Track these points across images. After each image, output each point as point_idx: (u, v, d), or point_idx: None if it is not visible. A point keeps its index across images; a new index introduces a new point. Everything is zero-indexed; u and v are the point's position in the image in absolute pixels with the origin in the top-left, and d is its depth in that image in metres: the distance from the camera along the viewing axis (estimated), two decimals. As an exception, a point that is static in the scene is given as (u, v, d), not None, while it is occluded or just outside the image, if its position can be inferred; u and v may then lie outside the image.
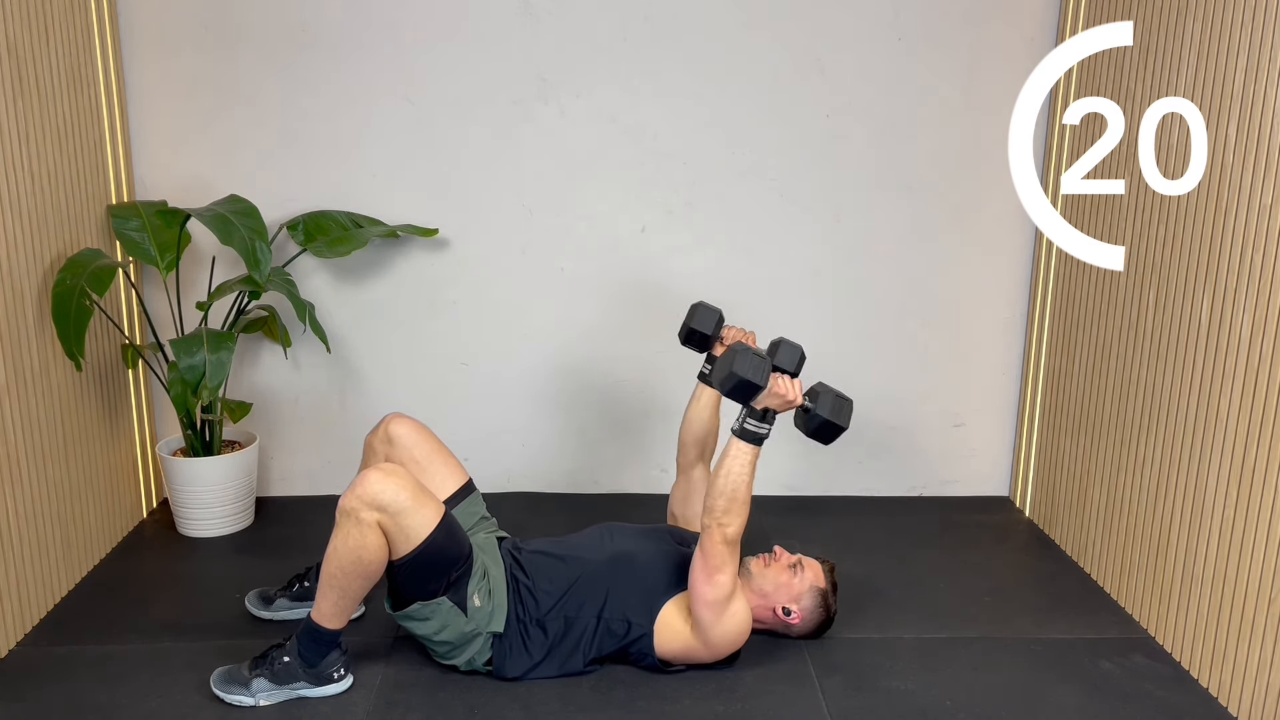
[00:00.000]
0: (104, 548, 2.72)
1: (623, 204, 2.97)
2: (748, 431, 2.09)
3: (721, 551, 2.08)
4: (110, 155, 2.77)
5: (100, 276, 2.46)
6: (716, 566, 2.09)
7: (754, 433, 2.08)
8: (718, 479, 2.08)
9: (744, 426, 2.09)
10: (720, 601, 2.11)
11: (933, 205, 3.00)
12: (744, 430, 2.09)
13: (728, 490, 2.07)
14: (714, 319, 2.42)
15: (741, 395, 2.07)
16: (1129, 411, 2.53)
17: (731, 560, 2.10)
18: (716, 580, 2.09)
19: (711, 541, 2.08)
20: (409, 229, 2.91)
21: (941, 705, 2.13)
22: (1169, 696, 2.18)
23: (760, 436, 2.09)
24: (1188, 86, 2.28)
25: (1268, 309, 2.02)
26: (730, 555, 2.09)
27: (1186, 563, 2.29)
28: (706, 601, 2.11)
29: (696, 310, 2.42)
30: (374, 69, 2.86)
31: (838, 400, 2.13)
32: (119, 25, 2.79)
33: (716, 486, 2.08)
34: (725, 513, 2.07)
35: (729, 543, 2.08)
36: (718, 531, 2.07)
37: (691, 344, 2.44)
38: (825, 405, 2.12)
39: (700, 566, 2.10)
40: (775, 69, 2.90)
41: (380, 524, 1.98)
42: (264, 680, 2.08)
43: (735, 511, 2.07)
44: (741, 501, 2.07)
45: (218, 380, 2.48)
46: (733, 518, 2.07)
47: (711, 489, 2.08)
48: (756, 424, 2.08)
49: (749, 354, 2.06)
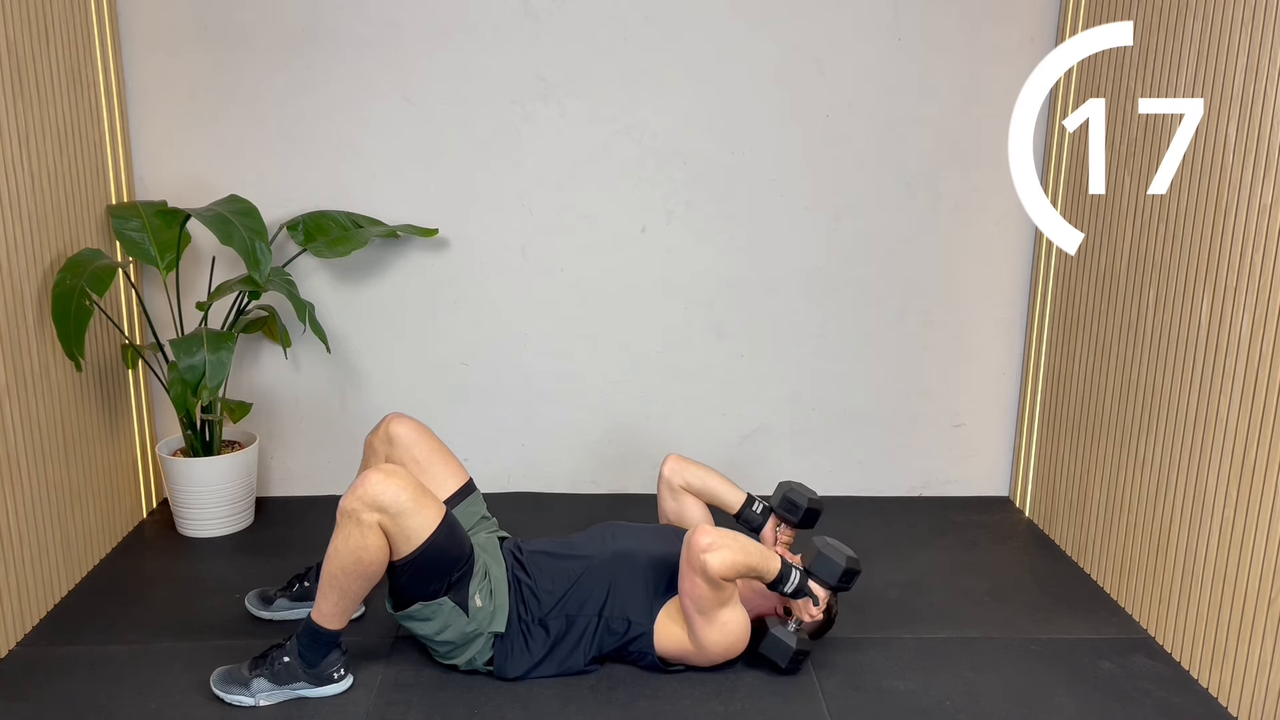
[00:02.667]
0: (104, 548, 2.72)
1: (623, 204, 2.97)
2: (799, 588, 2.16)
3: (707, 576, 2.07)
4: (110, 155, 2.77)
5: (100, 276, 2.46)
6: (697, 574, 2.08)
7: (786, 589, 2.16)
8: (745, 546, 2.09)
9: (799, 587, 2.16)
10: (706, 611, 2.11)
11: (933, 205, 3.00)
12: (799, 589, 2.16)
13: (740, 566, 2.07)
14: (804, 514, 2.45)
15: (838, 582, 2.20)
16: (1129, 411, 2.53)
17: (713, 573, 2.07)
18: (698, 585, 2.08)
19: (695, 568, 2.07)
20: (409, 229, 2.91)
21: (941, 705, 2.14)
22: (1169, 696, 2.18)
23: (785, 587, 2.16)
24: (1188, 86, 2.28)
25: (1268, 309, 2.02)
26: (714, 575, 2.07)
27: (1186, 563, 2.29)
28: (694, 609, 2.11)
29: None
30: (374, 69, 2.86)
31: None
32: (119, 25, 2.79)
33: (741, 546, 2.08)
34: (722, 564, 2.05)
35: (709, 578, 2.07)
36: (704, 557, 2.05)
37: (786, 511, 2.43)
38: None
39: (685, 575, 2.10)
40: (775, 69, 2.90)
41: (381, 525, 1.98)
42: (264, 680, 2.08)
43: (730, 569, 2.07)
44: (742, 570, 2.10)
45: (218, 380, 2.48)
46: (725, 566, 2.06)
47: (733, 546, 2.06)
48: (789, 588, 2.16)
49: (853, 576, 2.22)
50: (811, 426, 3.15)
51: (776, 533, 2.46)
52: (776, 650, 2.19)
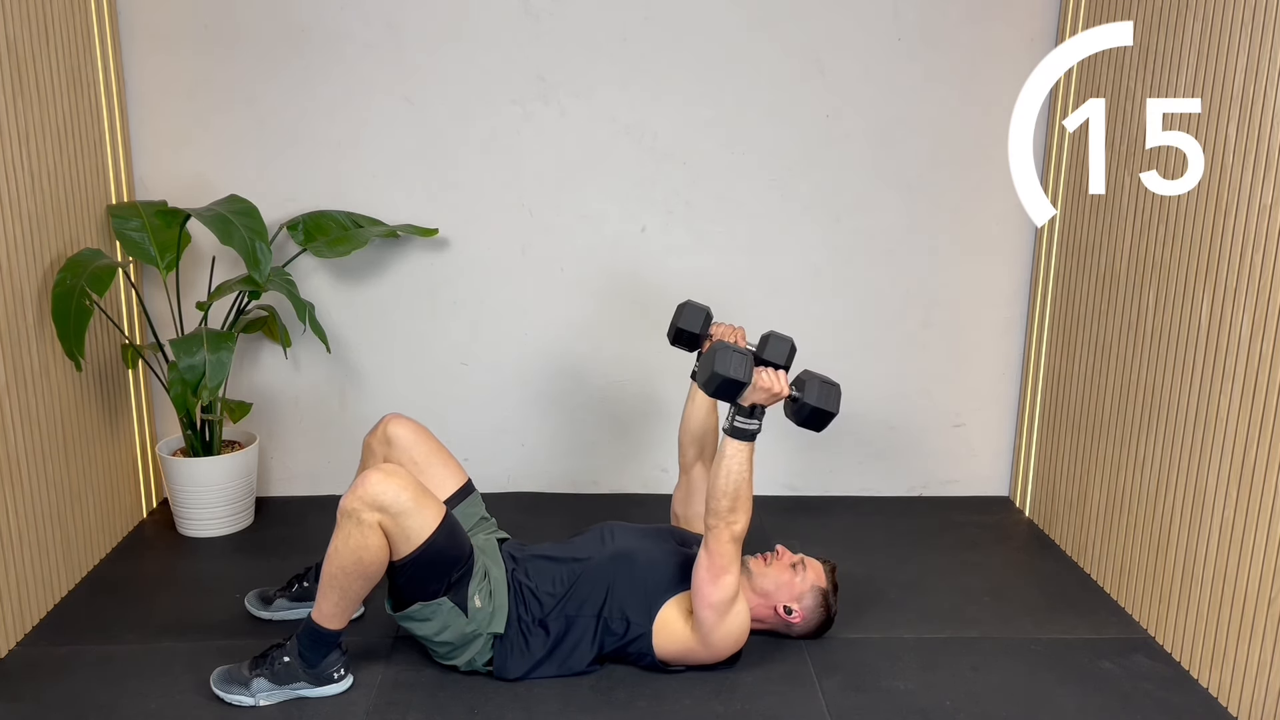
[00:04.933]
0: (104, 548, 2.72)
1: (623, 204, 2.97)
2: (738, 429, 2.07)
3: (728, 551, 2.08)
4: (110, 155, 2.77)
5: (100, 276, 2.46)
6: (723, 567, 2.09)
7: (745, 430, 2.07)
8: (718, 480, 2.07)
9: (734, 425, 2.08)
10: (725, 602, 2.11)
11: (933, 205, 3.00)
12: (734, 428, 2.08)
13: (730, 490, 2.06)
14: (701, 317, 2.38)
15: (726, 393, 2.05)
16: (1129, 411, 2.53)
17: (736, 560, 2.10)
18: (722, 581, 2.09)
19: (719, 541, 2.07)
20: (409, 229, 2.91)
21: (941, 705, 2.14)
22: (1169, 696, 2.18)
23: (751, 433, 2.07)
24: (1188, 86, 2.28)
25: (1268, 309, 2.02)
26: (735, 555, 2.10)
27: (1186, 563, 2.29)
28: (711, 603, 2.11)
29: (684, 309, 2.40)
30: (374, 69, 2.86)
31: (824, 386, 2.10)
32: (119, 25, 2.79)
33: (718, 487, 2.07)
34: (730, 511, 2.06)
35: (736, 540, 2.08)
36: (725, 530, 2.07)
37: (680, 344, 2.41)
38: (812, 393, 2.08)
39: (705, 567, 2.10)
40: (775, 69, 2.90)
41: (381, 525, 1.98)
42: (264, 680, 2.08)
43: (740, 509, 2.07)
44: (745, 498, 2.08)
45: (218, 380, 2.48)
46: (739, 515, 2.07)
47: (712, 490, 2.08)
48: (745, 420, 2.07)
49: (729, 350, 2.04)
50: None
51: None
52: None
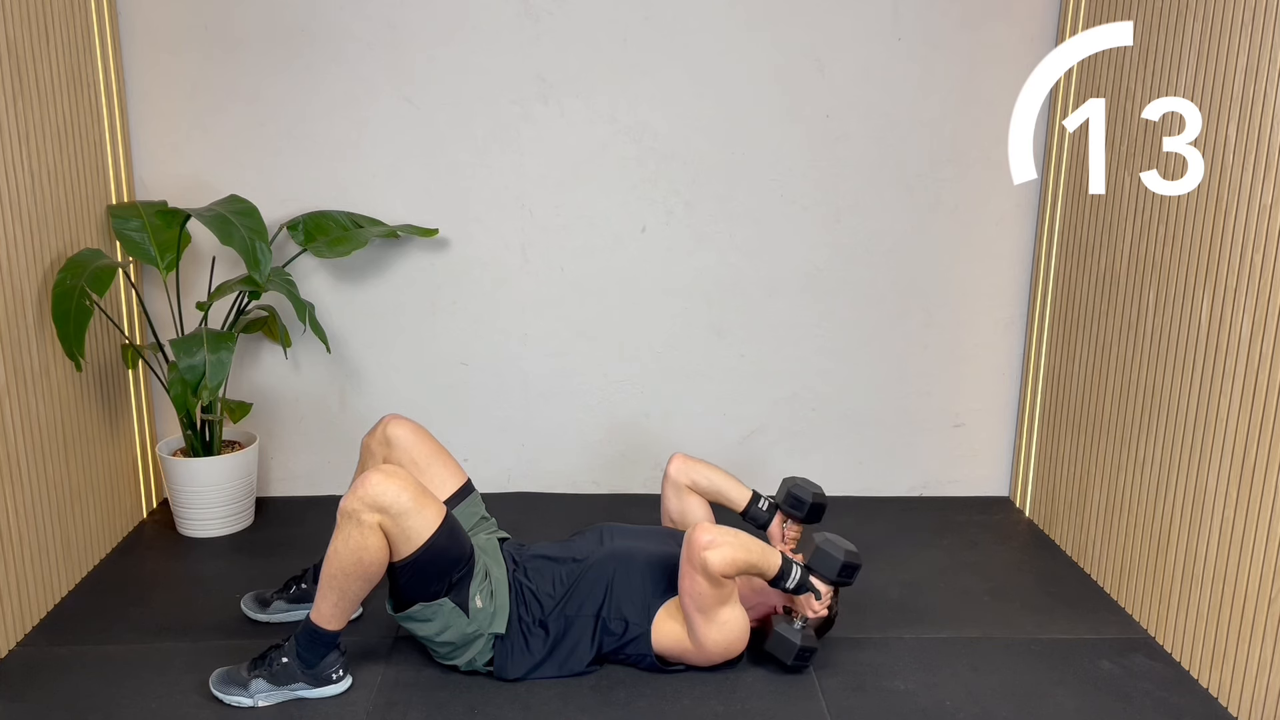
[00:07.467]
0: (104, 548, 2.72)
1: (623, 204, 2.97)
2: (800, 583, 2.17)
3: (707, 572, 2.08)
4: (110, 155, 2.77)
5: (100, 276, 2.46)
6: (697, 570, 2.09)
7: (799, 584, 2.17)
8: (745, 544, 2.09)
9: (800, 583, 2.17)
10: (706, 609, 2.10)
11: (933, 205, 3.00)
12: (800, 584, 2.17)
13: (740, 564, 2.07)
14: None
15: (847, 577, 2.21)
16: (1129, 411, 2.53)
17: (714, 570, 2.08)
18: (698, 583, 2.09)
19: (695, 565, 2.07)
20: (409, 229, 2.91)
21: (941, 705, 2.14)
22: (1169, 696, 2.18)
23: (795, 585, 2.17)
24: (1188, 86, 2.28)
25: (1268, 309, 2.02)
26: (714, 572, 2.08)
27: (1186, 563, 2.29)
28: (694, 607, 2.11)
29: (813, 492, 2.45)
30: (374, 69, 2.86)
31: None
32: (119, 25, 2.79)
33: (742, 543, 2.08)
34: (722, 561, 2.06)
35: (709, 575, 2.07)
36: (704, 554, 2.06)
37: (795, 508, 2.44)
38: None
39: (686, 573, 2.10)
40: (775, 69, 2.90)
41: (382, 526, 1.98)
42: (262, 681, 2.08)
43: (731, 567, 2.08)
44: (742, 567, 2.10)
45: (218, 380, 2.48)
46: (726, 562, 2.07)
47: (733, 544, 2.07)
48: (800, 582, 2.17)
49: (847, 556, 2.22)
50: (811, 426, 3.15)
51: (783, 529, 2.46)
52: (782, 648, 2.18)
